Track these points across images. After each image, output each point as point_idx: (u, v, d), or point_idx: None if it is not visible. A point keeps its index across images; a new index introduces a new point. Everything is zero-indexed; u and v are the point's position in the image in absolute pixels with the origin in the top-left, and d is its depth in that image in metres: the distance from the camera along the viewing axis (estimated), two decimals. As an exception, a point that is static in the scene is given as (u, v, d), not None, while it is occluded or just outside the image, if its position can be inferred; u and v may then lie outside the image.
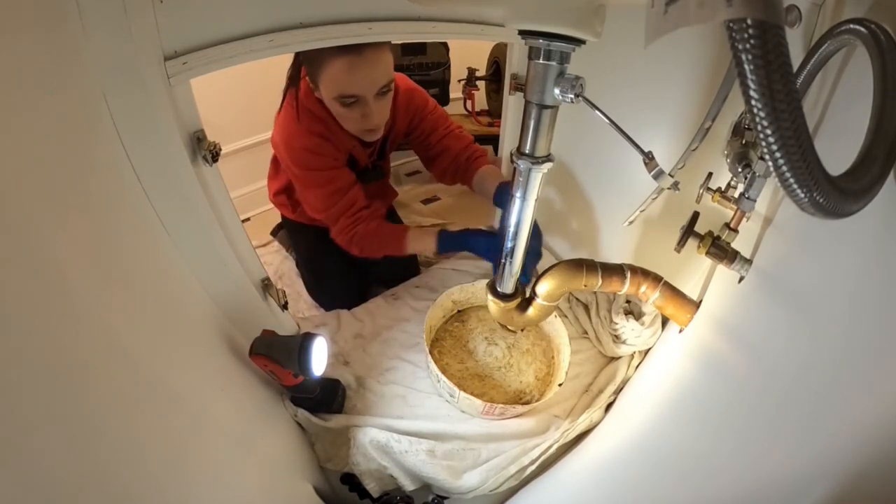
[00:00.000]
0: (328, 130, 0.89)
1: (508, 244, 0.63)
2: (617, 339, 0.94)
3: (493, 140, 1.93)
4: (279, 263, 1.34)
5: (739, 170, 0.58)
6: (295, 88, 0.88)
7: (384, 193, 1.23)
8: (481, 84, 2.04)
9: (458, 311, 1.02)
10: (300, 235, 1.19)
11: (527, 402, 0.84)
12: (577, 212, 1.12)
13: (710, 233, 0.60)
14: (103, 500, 0.29)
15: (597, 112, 0.47)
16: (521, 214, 0.60)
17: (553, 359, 0.94)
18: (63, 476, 0.26)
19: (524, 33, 0.45)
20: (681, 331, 0.73)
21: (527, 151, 0.54)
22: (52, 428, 0.26)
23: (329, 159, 0.89)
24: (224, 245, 0.68)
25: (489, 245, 0.87)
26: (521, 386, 0.88)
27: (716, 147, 0.70)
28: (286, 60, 0.86)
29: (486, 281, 0.76)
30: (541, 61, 0.46)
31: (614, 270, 0.68)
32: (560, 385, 0.80)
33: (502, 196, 0.92)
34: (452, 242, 0.92)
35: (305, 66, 0.82)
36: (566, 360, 0.85)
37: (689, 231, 0.62)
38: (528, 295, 0.72)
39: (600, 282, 0.67)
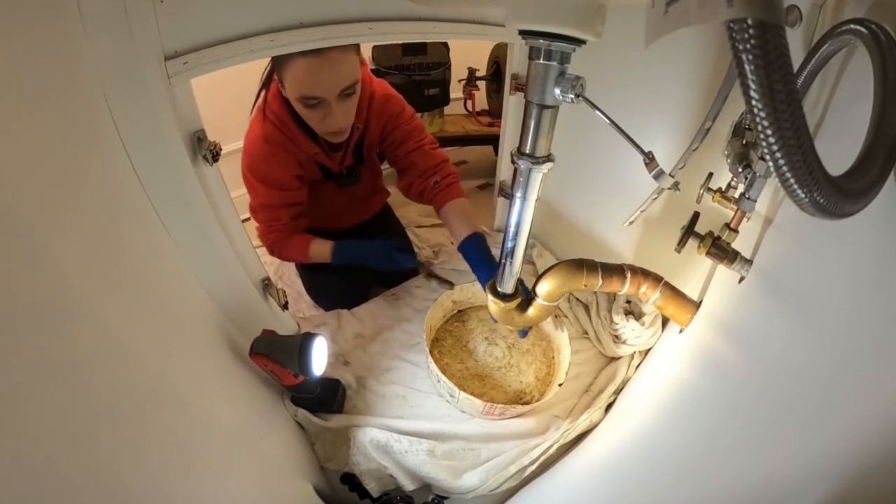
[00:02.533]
0: (287, 137, 0.88)
1: (508, 244, 0.63)
2: (617, 339, 0.94)
3: (494, 140, 1.93)
4: (279, 263, 1.34)
5: (740, 170, 0.58)
6: (266, 90, 0.87)
7: (368, 197, 1.19)
8: (482, 84, 2.04)
9: (459, 312, 1.02)
10: None
11: (527, 402, 0.84)
12: (577, 212, 1.12)
13: (710, 233, 0.60)
14: (106, 499, 0.29)
15: (597, 112, 0.47)
16: (522, 214, 0.60)
17: (553, 359, 0.94)
18: (67, 474, 0.26)
19: (525, 33, 0.45)
20: (681, 331, 0.73)
21: (527, 151, 0.54)
22: (53, 427, 0.26)
23: (276, 171, 0.89)
24: (224, 245, 0.68)
25: (383, 254, 0.92)
26: (521, 386, 0.88)
27: (716, 147, 0.70)
28: (286, 60, 0.85)
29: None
30: (541, 61, 0.46)
31: (614, 270, 0.68)
32: (560, 385, 0.80)
33: (470, 250, 0.88)
34: (347, 253, 0.96)
35: (274, 64, 0.81)
36: (566, 360, 0.85)
37: (689, 231, 0.62)
38: (528, 295, 0.72)
39: (600, 282, 0.67)
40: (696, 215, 0.64)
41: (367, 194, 1.17)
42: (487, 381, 0.88)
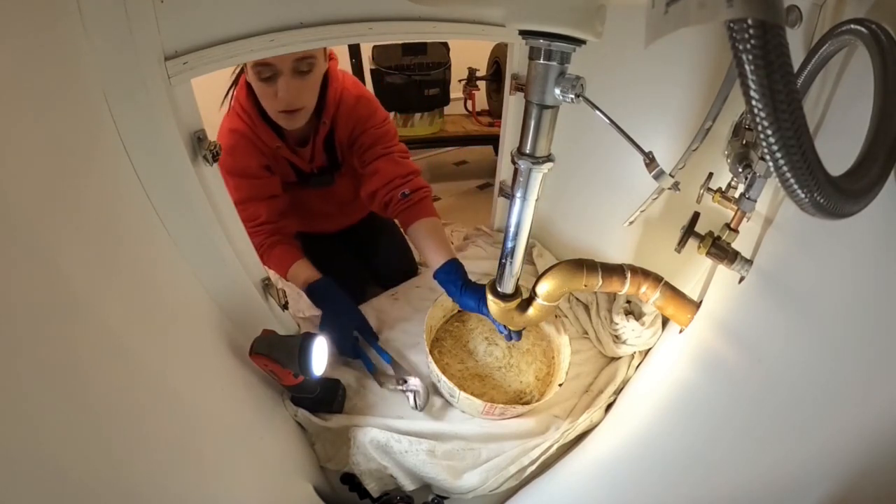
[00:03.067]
0: (250, 128, 0.87)
1: (508, 244, 0.63)
2: (617, 339, 0.94)
3: (494, 140, 1.93)
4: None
5: (740, 170, 0.58)
6: (234, 88, 0.88)
7: (351, 200, 1.14)
8: (482, 84, 2.04)
9: (459, 311, 1.01)
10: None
11: (527, 403, 0.84)
12: (577, 212, 1.12)
13: (710, 233, 0.60)
14: (107, 498, 0.29)
15: (597, 112, 0.47)
16: (522, 214, 0.60)
17: (553, 359, 0.94)
18: (69, 473, 0.26)
19: (525, 33, 0.45)
20: (681, 331, 0.73)
21: (527, 151, 0.54)
22: (55, 426, 0.26)
23: (240, 162, 0.87)
24: (224, 244, 0.68)
25: (337, 320, 0.87)
26: (521, 386, 0.88)
27: (716, 147, 0.70)
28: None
29: (486, 281, 0.76)
30: (541, 61, 0.46)
31: (614, 270, 0.68)
32: (560, 385, 0.80)
33: (445, 277, 0.84)
34: (316, 296, 0.90)
35: None
36: (566, 360, 0.85)
37: (689, 231, 0.62)
38: (528, 295, 0.72)
39: (600, 282, 0.67)
40: (696, 215, 0.64)
41: (350, 198, 1.13)
42: (487, 381, 0.88)
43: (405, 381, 0.84)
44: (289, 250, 0.93)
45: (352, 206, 1.18)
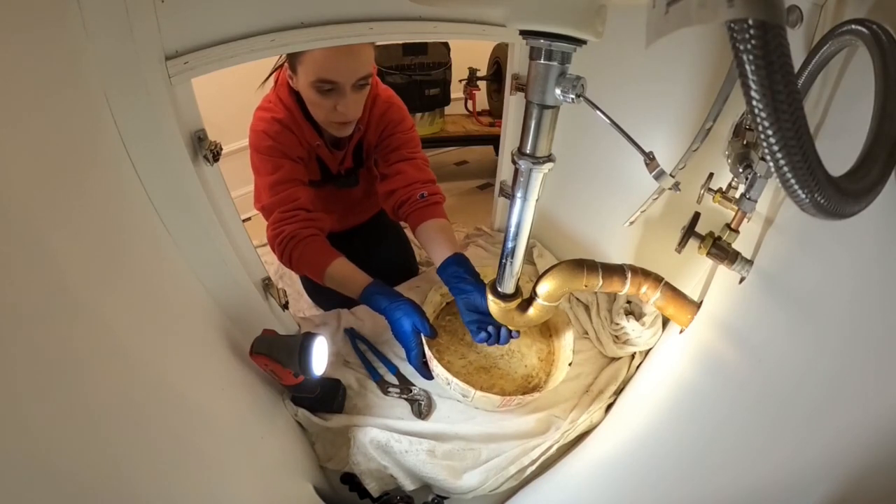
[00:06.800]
0: (292, 121, 0.89)
1: (509, 244, 0.63)
2: (617, 339, 0.94)
3: (494, 140, 1.93)
4: (280, 263, 1.34)
5: (740, 170, 0.58)
6: (278, 72, 0.90)
7: (363, 200, 1.18)
8: (482, 84, 2.04)
9: (448, 304, 1.00)
10: None
11: (536, 385, 0.84)
12: (577, 212, 1.12)
13: (710, 233, 0.60)
14: (108, 497, 0.29)
15: (598, 112, 0.47)
16: (522, 215, 0.60)
17: (550, 336, 0.94)
18: (70, 474, 0.26)
19: (525, 33, 0.45)
20: (681, 331, 0.73)
21: (528, 151, 0.54)
22: (56, 426, 0.26)
23: (283, 146, 0.88)
24: (225, 244, 0.68)
25: (405, 328, 0.79)
26: (526, 370, 0.88)
27: (717, 147, 0.70)
28: (287, 60, 0.86)
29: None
30: (542, 61, 0.46)
31: (615, 271, 0.68)
32: (570, 364, 0.80)
33: (448, 272, 0.83)
34: (376, 302, 0.82)
35: (289, 54, 0.81)
36: (570, 338, 0.85)
37: (689, 231, 0.62)
38: (528, 295, 0.72)
39: (601, 282, 0.67)
40: (696, 216, 0.64)
41: (362, 198, 1.17)
42: (493, 372, 0.87)
43: (409, 391, 0.84)
44: (328, 247, 0.88)
45: (362, 206, 1.20)
